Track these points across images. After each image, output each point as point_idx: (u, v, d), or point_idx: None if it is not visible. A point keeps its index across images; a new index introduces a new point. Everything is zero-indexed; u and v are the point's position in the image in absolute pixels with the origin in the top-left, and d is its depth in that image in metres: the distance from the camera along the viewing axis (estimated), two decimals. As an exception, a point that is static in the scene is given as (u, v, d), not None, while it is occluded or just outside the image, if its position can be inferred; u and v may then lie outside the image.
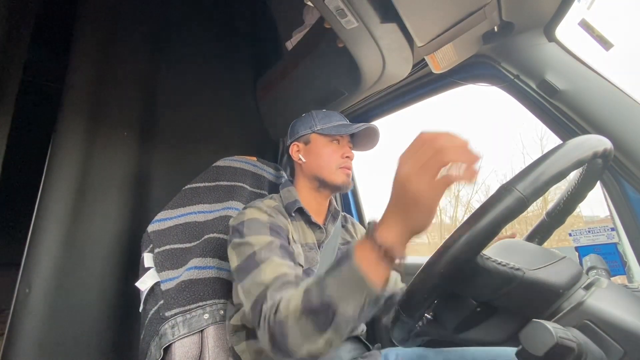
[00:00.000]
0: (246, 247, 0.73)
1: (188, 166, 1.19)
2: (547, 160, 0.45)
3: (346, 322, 0.49)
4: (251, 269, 0.68)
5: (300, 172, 0.96)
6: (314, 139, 0.94)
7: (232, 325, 0.81)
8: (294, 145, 0.97)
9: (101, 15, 1.13)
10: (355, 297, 0.48)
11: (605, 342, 0.40)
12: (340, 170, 0.91)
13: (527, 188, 0.42)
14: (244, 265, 0.70)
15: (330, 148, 0.92)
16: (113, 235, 1.03)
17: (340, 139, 0.94)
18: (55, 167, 0.96)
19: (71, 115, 1.01)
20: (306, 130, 0.95)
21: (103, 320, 0.97)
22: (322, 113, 0.97)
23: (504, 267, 0.45)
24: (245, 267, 0.70)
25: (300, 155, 0.95)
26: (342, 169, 0.91)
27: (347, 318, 0.49)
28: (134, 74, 1.18)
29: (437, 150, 0.41)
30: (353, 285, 0.48)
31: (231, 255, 0.75)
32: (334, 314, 0.49)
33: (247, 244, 0.73)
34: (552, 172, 0.44)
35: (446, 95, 1.12)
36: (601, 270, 0.54)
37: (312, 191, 0.94)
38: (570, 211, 0.64)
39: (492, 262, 0.45)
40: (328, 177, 0.90)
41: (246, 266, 0.70)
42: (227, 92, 1.41)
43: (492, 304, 0.47)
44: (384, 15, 0.77)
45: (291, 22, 1.25)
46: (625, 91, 0.73)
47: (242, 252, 0.73)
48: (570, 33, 0.79)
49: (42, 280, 0.88)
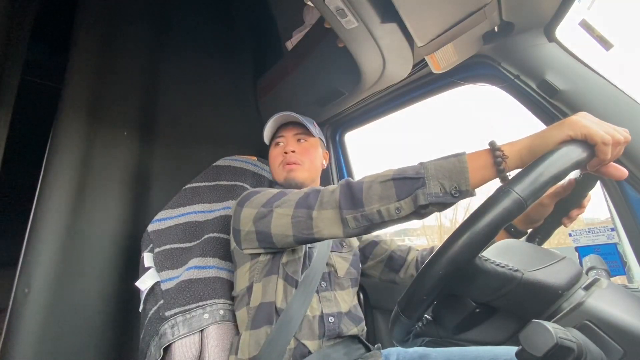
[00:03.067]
0: (267, 193, 0.77)
1: (188, 166, 1.19)
2: (545, 162, 0.45)
3: (424, 197, 0.54)
4: (282, 196, 0.73)
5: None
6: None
7: (240, 315, 0.82)
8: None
9: (101, 14, 1.13)
10: (448, 180, 0.53)
11: (605, 342, 0.40)
12: (280, 167, 0.95)
13: (525, 189, 0.43)
14: (273, 199, 0.74)
15: (274, 152, 0.99)
16: (113, 234, 1.03)
17: (281, 139, 0.99)
18: (54, 167, 0.96)
19: (70, 114, 1.01)
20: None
21: (103, 320, 0.97)
22: (269, 122, 0.99)
23: (502, 269, 0.45)
24: (274, 198, 0.74)
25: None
26: (283, 165, 0.95)
27: (427, 194, 0.54)
28: (134, 74, 1.18)
29: (617, 141, 0.48)
30: (452, 170, 0.53)
31: (248, 209, 0.77)
32: (421, 186, 0.54)
33: (269, 191, 0.77)
34: (551, 173, 0.44)
35: (446, 95, 1.12)
36: (601, 271, 0.54)
37: None
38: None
39: (491, 264, 0.45)
40: (277, 178, 0.97)
41: (275, 198, 0.74)
42: (228, 91, 1.41)
43: (492, 304, 0.47)
44: (384, 16, 0.77)
45: (291, 22, 1.25)
46: (625, 91, 0.73)
47: (264, 196, 0.76)
48: (571, 33, 0.79)
49: (42, 280, 0.88)
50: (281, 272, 0.79)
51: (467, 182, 0.52)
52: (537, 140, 0.51)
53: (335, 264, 0.88)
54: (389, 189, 0.58)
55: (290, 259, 0.80)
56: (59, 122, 0.99)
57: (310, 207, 0.66)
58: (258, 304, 0.78)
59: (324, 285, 0.84)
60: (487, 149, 0.54)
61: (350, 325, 0.82)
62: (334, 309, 0.82)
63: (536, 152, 0.49)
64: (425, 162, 0.57)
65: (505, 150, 0.52)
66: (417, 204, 0.55)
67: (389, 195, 0.57)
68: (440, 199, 0.53)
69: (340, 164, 1.45)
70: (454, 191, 0.53)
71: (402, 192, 0.56)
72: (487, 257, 0.46)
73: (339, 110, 1.27)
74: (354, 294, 0.91)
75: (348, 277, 0.90)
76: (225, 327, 0.86)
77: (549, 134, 0.50)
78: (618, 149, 0.49)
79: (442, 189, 0.53)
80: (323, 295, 0.82)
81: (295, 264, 0.80)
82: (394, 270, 0.95)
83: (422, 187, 0.54)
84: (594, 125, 0.48)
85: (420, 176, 0.55)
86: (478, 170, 0.53)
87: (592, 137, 0.47)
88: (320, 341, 0.77)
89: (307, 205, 0.67)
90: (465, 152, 0.55)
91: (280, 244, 0.74)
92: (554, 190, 0.64)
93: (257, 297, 0.78)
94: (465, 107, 1.42)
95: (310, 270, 0.81)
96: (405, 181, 0.57)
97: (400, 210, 0.57)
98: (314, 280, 0.80)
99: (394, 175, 0.58)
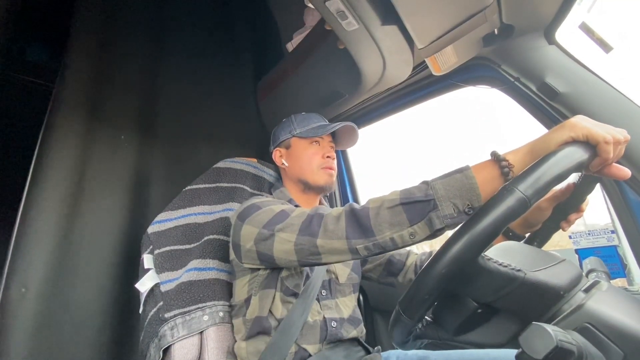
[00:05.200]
0: (269, 211, 0.74)
1: (188, 167, 1.19)
2: (549, 161, 0.45)
3: (439, 221, 0.52)
4: (284, 218, 0.70)
5: (285, 177, 1.00)
6: (294, 143, 0.97)
7: (236, 323, 0.82)
8: (276, 151, 1.00)
9: (98, 14, 1.13)
10: (459, 199, 0.52)
11: (605, 345, 0.40)
12: (322, 171, 0.93)
13: (529, 188, 0.43)
14: (275, 220, 0.71)
15: (310, 150, 0.94)
16: (112, 236, 1.03)
17: (320, 140, 0.96)
18: (46, 168, 0.93)
19: (66, 115, 0.99)
20: (286, 135, 0.98)
21: (102, 322, 0.97)
22: (301, 116, 0.99)
23: (505, 268, 0.45)
24: (276, 218, 0.71)
25: (283, 160, 0.98)
26: (324, 169, 0.93)
27: (441, 216, 0.52)
28: (132, 74, 1.18)
29: (618, 140, 0.48)
30: (461, 189, 0.52)
31: (249, 227, 0.74)
32: (433, 209, 0.53)
33: (270, 209, 0.74)
34: (555, 173, 0.44)
35: (446, 97, 1.12)
36: (601, 273, 0.54)
37: (299, 194, 0.96)
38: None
39: (494, 263, 0.45)
40: (311, 179, 0.92)
41: (277, 219, 0.71)
42: (228, 93, 1.41)
43: (493, 305, 0.47)
44: (384, 17, 0.77)
45: (292, 24, 1.25)
46: (625, 94, 0.73)
47: (266, 214, 0.73)
48: (571, 36, 0.79)
49: (39, 282, 0.87)
50: (279, 285, 0.78)
51: (479, 198, 0.51)
52: (538, 144, 0.51)
53: (336, 271, 0.88)
54: (398, 215, 0.56)
55: (291, 273, 0.78)
56: (51, 123, 0.97)
57: (313, 235, 0.63)
58: (254, 317, 0.77)
59: (325, 294, 0.83)
60: (491, 160, 0.53)
61: (349, 329, 0.82)
62: (335, 314, 0.82)
63: (539, 156, 0.49)
64: (430, 181, 0.56)
65: (509, 159, 0.52)
66: (434, 228, 0.53)
67: (401, 222, 0.56)
68: (455, 220, 0.52)
69: (340, 164, 1.46)
70: (467, 209, 0.51)
71: (414, 216, 0.55)
72: (489, 257, 0.46)
73: (339, 112, 1.27)
74: (355, 299, 0.90)
75: (350, 282, 0.89)
76: (225, 328, 0.86)
77: (550, 137, 0.50)
78: (619, 148, 0.49)
79: (456, 209, 0.52)
80: (324, 304, 0.82)
81: (298, 277, 0.78)
82: (393, 274, 0.95)
83: (434, 209, 0.53)
84: (594, 126, 0.48)
85: (430, 198, 0.54)
86: (487, 184, 0.52)
87: (594, 136, 0.47)
88: (321, 344, 0.77)
89: (310, 232, 0.64)
90: (469, 166, 0.54)
91: (284, 265, 0.73)
92: (552, 195, 0.64)
93: (253, 310, 0.78)
94: (466, 110, 1.43)
95: (310, 280, 0.80)
96: (416, 205, 0.55)
97: (414, 236, 0.55)
98: (314, 289, 0.80)
99: (402, 200, 0.56)
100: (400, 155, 3.62)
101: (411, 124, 1.56)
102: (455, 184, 0.53)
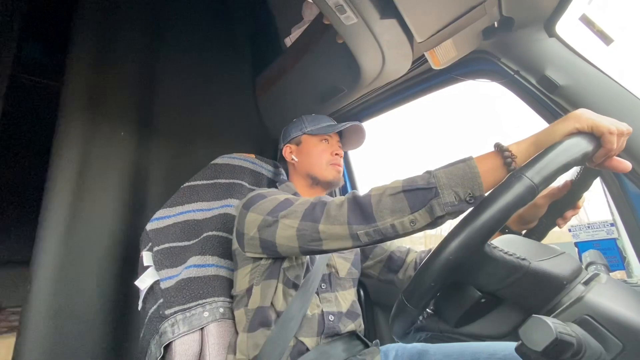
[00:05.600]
0: (273, 200, 0.75)
1: (186, 164, 1.19)
2: (556, 149, 0.46)
3: (440, 208, 0.53)
4: (288, 205, 0.71)
5: (293, 172, 1.02)
6: (305, 140, 1.01)
7: (238, 315, 0.82)
8: (286, 147, 1.04)
9: (98, 12, 1.12)
10: (461, 187, 0.52)
11: (605, 336, 0.40)
12: (331, 167, 0.97)
13: (536, 175, 0.43)
14: (279, 207, 0.72)
15: (320, 147, 0.99)
16: (112, 233, 1.03)
17: (329, 139, 1.01)
18: (56, 166, 0.96)
19: (69, 113, 1.01)
20: (297, 132, 1.02)
21: (102, 319, 0.97)
22: (312, 117, 1.05)
23: (510, 257, 0.45)
24: (281, 206, 0.72)
25: (292, 155, 1.02)
26: (333, 165, 0.97)
27: (442, 204, 0.53)
28: (132, 71, 1.17)
29: (621, 132, 0.49)
30: (463, 177, 0.53)
31: (253, 214, 0.75)
32: (435, 196, 0.54)
33: (275, 198, 0.75)
34: (562, 162, 0.45)
35: (446, 91, 1.11)
36: (600, 266, 0.54)
37: (306, 188, 0.99)
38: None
39: (499, 251, 0.45)
40: (320, 174, 0.96)
41: (281, 206, 0.72)
42: (226, 88, 1.40)
43: (497, 294, 0.47)
44: (383, 11, 0.77)
45: (290, 19, 1.24)
46: (625, 87, 0.73)
47: (271, 202, 0.75)
48: (571, 28, 0.79)
49: (42, 278, 0.88)
50: (281, 276, 0.78)
51: (480, 187, 0.52)
52: (542, 136, 0.52)
53: (336, 265, 0.88)
54: (400, 202, 0.57)
55: (292, 264, 0.79)
56: (59, 122, 1.00)
57: (316, 221, 0.64)
58: (256, 307, 0.78)
59: (324, 287, 0.84)
60: (494, 151, 0.54)
61: (347, 322, 0.83)
62: (334, 308, 0.82)
63: (544, 147, 0.49)
64: (433, 170, 0.57)
65: (512, 150, 0.52)
66: (434, 215, 0.54)
67: (402, 208, 0.56)
68: (456, 208, 0.53)
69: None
70: (468, 198, 0.52)
71: (415, 203, 0.55)
72: (495, 245, 0.46)
73: (339, 106, 1.26)
74: (354, 293, 0.91)
75: (349, 277, 0.90)
76: (226, 324, 0.86)
77: (555, 128, 0.51)
78: (622, 139, 0.50)
79: (457, 197, 0.53)
80: (323, 297, 0.82)
81: (298, 268, 0.79)
82: (393, 271, 0.96)
83: (435, 197, 0.54)
84: (598, 117, 0.49)
85: (432, 186, 0.54)
86: (489, 173, 0.52)
87: (599, 127, 0.48)
88: (319, 338, 0.77)
89: (313, 218, 0.65)
90: (472, 157, 0.55)
91: (285, 253, 0.73)
92: (548, 192, 0.64)
93: (255, 300, 0.78)
94: (466, 103, 1.42)
95: (310, 273, 0.81)
96: (417, 192, 0.55)
97: (415, 223, 0.56)
98: (314, 282, 0.80)
99: (404, 187, 0.57)
100: (401, 149, 3.62)
101: (411, 118, 1.55)
102: (458, 172, 0.54)
